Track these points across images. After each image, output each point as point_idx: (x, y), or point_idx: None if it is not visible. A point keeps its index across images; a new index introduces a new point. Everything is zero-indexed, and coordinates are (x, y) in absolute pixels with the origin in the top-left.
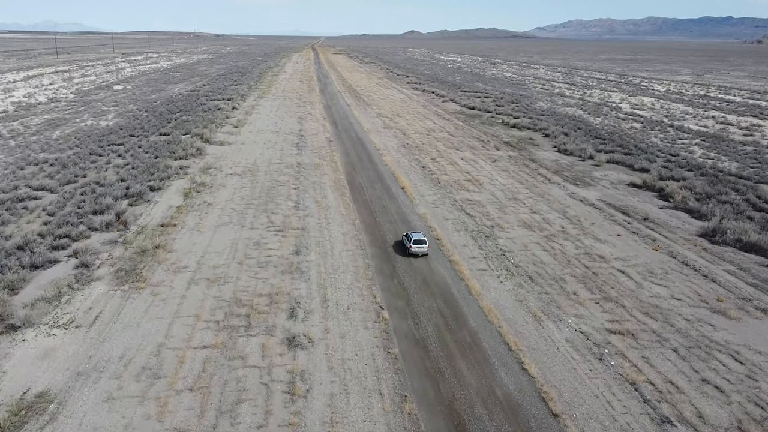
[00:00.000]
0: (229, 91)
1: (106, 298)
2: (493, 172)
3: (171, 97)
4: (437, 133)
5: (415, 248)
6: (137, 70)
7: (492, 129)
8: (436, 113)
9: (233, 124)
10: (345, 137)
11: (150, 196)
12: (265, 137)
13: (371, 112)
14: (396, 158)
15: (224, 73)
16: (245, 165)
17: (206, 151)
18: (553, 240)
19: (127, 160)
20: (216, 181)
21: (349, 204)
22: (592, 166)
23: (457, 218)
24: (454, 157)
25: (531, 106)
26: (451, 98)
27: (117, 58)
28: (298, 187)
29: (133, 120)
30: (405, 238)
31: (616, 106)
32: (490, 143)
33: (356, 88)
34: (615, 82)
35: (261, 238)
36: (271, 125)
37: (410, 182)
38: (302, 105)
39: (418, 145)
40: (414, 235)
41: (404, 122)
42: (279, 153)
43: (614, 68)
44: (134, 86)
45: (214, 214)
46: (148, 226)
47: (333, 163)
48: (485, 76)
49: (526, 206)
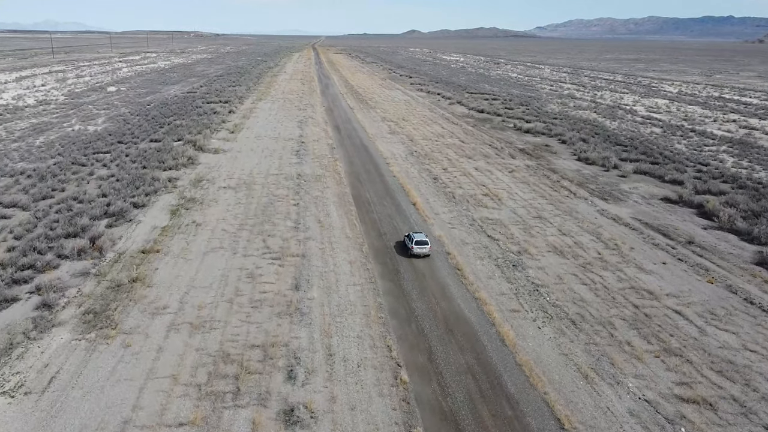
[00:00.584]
0: (226, 92)
1: (67, 351)
2: (511, 184)
3: (166, 100)
4: (446, 139)
5: (417, 249)
6: (134, 71)
7: (504, 134)
8: (444, 117)
9: (229, 129)
10: (348, 144)
11: (133, 214)
12: (262, 144)
13: (375, 115)
14: (405, 168)
15: (222, 74)
16: (240, 176)
17: (199, 161)
18: (590, 270)
19: (112, 171)
20: (207, 196)
21: (356, 224)
22: (618, 177)
23: (478, 242)
24: (468, 167)
25: (542, 108)
26: (458, 100)
27: (114, 57)
28: (298, 203)
29: (123, 125)
30: (406, 239)
31: (631, 108)
32: (505, 151)
33: (359, 90)
34: (624, 83)
35: (255, 267)
36: (270, 130)
37: (422, 197)
38: (303, 108)
39: (427, 153)
40: (416, 235)
41: (411, 127)
42: (278, 162)
43: (621, 68)
44: (129, 87)
45: (203, 236)
46: (127, 252)
47: (336, 174)
48: (490, 77)
49: (553, 226)
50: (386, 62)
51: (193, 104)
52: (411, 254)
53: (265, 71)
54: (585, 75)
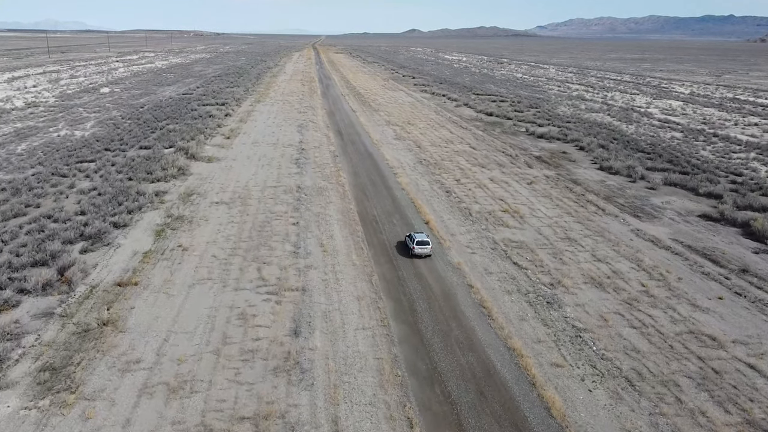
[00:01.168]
0: (223, 94)
1: (12, 426)
2: (532, 198)
3: (160, 102)
4: (456, 145)
5: (418, 249)
6: (130, 71)
7: (517, 140)
8: (451, 120)
9: (225, 134)
10: (352, 150)
11: (112, 236)
12: (260, 151)
13: (379, 119)
14: (414, 179)
15: (220, 74)
16: (235, 189)
17: (190, 170)
18: (637, 307)
19: (94, 183)
20: (197, 214)
21: (363, 248)
22: (647, 189)
23: (503, 271)
24: (482, 178)
25: (553, 111)
26: (465, 102)
27: (111, 57)
28: (298, 221)
29: (113, 129)
30: (408, 239)
31: (645, 111)
32: (520, 159)
33: (361, 91)
34: (633, 83)
35: (248, 305)
36: (268, 135)
37: (435, 214)
38: (303, 111)
39: (437, 162)
40: (417, 235)
41: (417, 131)
42: (276, 172)
43: (627, 68)
44: (123, 88)
45: (190, 264)
46: (101, 285)
47: (340, 186)
48: (495, 77)
49: (585, 250)
50: (388, 62)
51: (188, 107)
52: (412, 254)
53: (264, 71)
54: (591, 75)
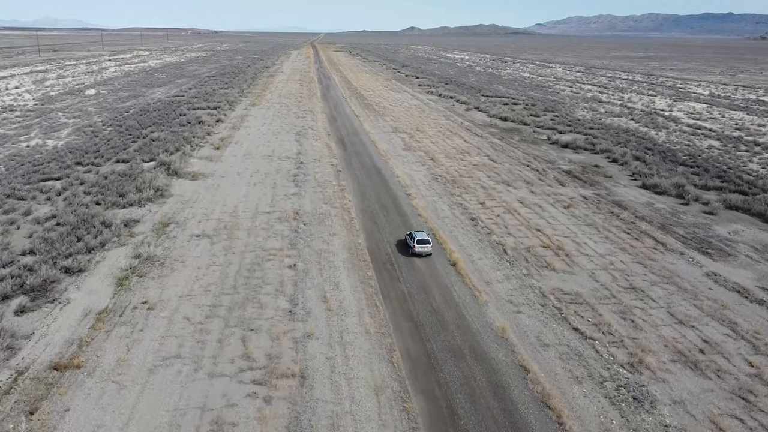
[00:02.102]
0: (216, 96)
1: None
2: (574, 228)
3: (147, 105)
4: (473, 156)
5: (418, 248)
6: (121, 70)
7: (540, 150)
8: (464, 126)
9: (214, 144)
10: (357, 164)
11: (62, 286)
12: (253, 165)
13: (385, 125)
14: (431, 202)
15: (215, 74)
16: (221, 217)
17: (171, 191)
18: (757, 407)
19: (55, 209)
20: (172, 252)
21: (378, 306)
22: (706, 215)
23: (563, 341)
24: (510, 200)
25: (571, 115)
26: (476, 105)
27: (104, 56)
28: (296, 263)
29: (90, 138)
30: (408, 238)
31: (670, 115)
32: (548, 174)
33: (363, 93)
34: (647, 83)
35: (226, 404)
36: (263, 145)
37: (462, 251)
38: (302, 115)
39: (454, 178)
40: (417, 234)
41: (428, 140)
42: (270, 193)
43: (635, 67)
44: (110, 90)
45: (155, 332)
46: (32, 368)
47: (345, 211)
48: (502, 77)
49: (659, 306)
50: (389, 61)
51: (176, 111)
52: (413, 253)
53: (261, 71)
54: (601, 74)
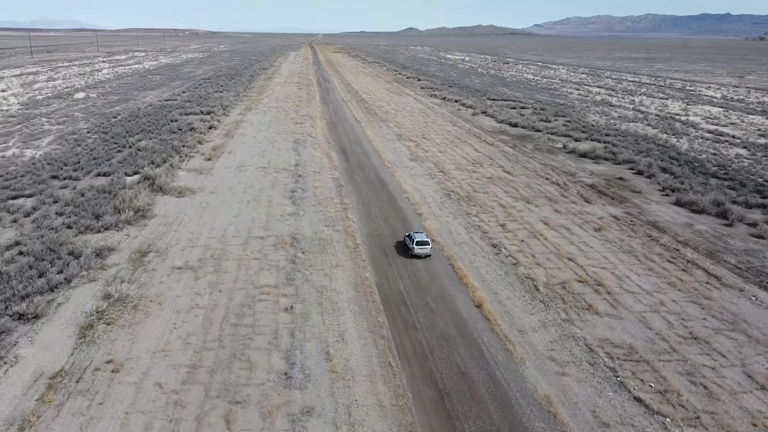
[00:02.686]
0: (211, 100)
1: None
2: (610, 256)
3: (137, 110)
4: (486, 168)
5: (418, 249)
6: (114, 72)
7: (557, 160)
8: (472, 133)
9: (206, 154)
10: (360, 177)
11: (12, 338)
12: (246, 178)
13: (388, 131)
14: (445, 223)
15: (211, 76)
16: (207, 243)
17: (154, 210)
18: None
19: (20, 233)
20: (148, 290)
21: (393, 366)
22: (755, 238)
23: (626, 419)
24: (533, 221)
25: (584, 120)
26: (483, 110)
27: (99, 57)
28: (293, 305)
29: (72, 148)
30: (407, 239)
31: (687, 120)
32: (571, 189)
33: (364, 96)
34: (655, 85)
35: None
36: (258, 155)
37: (487, 288)
38: (300, 121)
39: (468, 194)
40: (417, 235)
41: (435, 149)
42: (264, 212)
43: (640, 68)
44: (100, 93)
45: (116, 408)
46: None
47: (349, 236)
48: (506, 79)
49: (732, 363)
50: (389, 62)
51: (167, 117)
52: (412, 255)
53: (258, 73)
54: (606, 76)
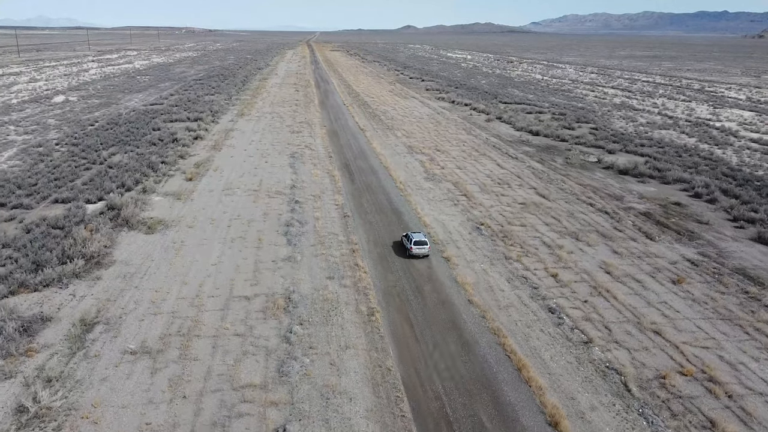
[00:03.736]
0: (200, 104)
1: None
2: (706, 326)
3: (118, 116)
4: (515, 189)
5: (416, 249)
6: (102, 73)
7: (594, 178)
8: (490, 143)
9: (188, 172)
10: (369, 204)
11: None
12: (233, 206)
13: (397, 142)
14: (480, 273)
15: (204, 77)
16: (175, 308)
17: (114, 254)
18: None
19: None
20: (83, 397)
21: None
22: None
23: None
24: (590, 267)
25: (610, 127)
26: (497, 115)
27: (89, 56)
28: (285, 425)
29: (34, 164)
30: (404, 239)
31: (723, 126)
32: (623, 219)
33: (366, 99)
34: (671, 86)
35: None
36: (248, 174)
37: (558, 390)
38: (297, 130)
39: (502, 227)
40: (414, 235)
41: (452, 164)
42: (252, 257)
43: (649, 67)
44: (82, 96)
45: None
46: None
47: (361, 294)
48: (513, 79)
49: None
50: (389, 61)
51: (149, 125)
52: (410, 255)
53: (253, 73)
54: (618, 76)
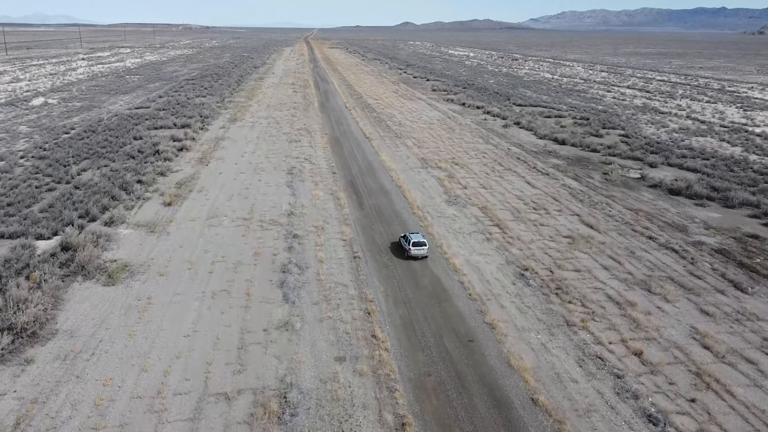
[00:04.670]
0: (189, 108)
1: None
2: None
3: (97, 122)
4: (555, 215)
5: (414, 251)
6: (89, 72)
7: (642, 199)
8: (512, 154)
9: (167, 193)
10: (384, 240)
11: None
12: (216, 244)
13: (408, 153)
14: (539, 351)
15: (196, 76)
16: (124, 418)
17: (56, 322)
18: None
19: None
20: None
21: None
22: None
23: None
24: (681, 339)
25: (640, 133)
26: (514, 120)
27: (79, 54)
28: None
29: None
30: (402, 240)
31: (765, 132)
32: (698, 260)
33: (370, 101)
34: (690, 86)
35: None
36: (238, 197)
37: None
38: (296, 138)
39: (551, 273)
40: (413, 236)
41: (475, 181)
42: (237, 323)
43: (659, 65)
44: (63, 99)
45: None
46: None
47: (383, 387)
48: (522, 78)
49: None
50: (390, 59)
51: (131, 132)
52: (408, 256)
53: (249, 72)
54: (630, 75)
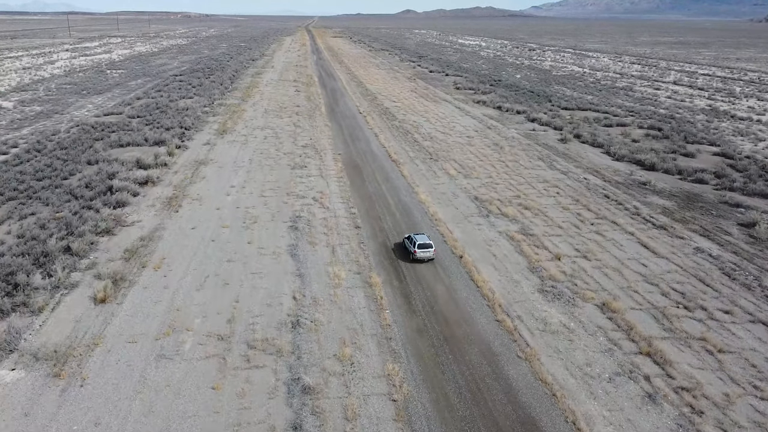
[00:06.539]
0: (170, 114)
1: None
2: None
3: (50, 136)
4: (726, 326)
5: (420, 253)
6: (68, 66)
7: None
8: (595, 189)
9: (102, 275)
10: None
11: None
12: (163, 410)
13: (454, 187)
14: None
15: (186, 70)
16: None
17: None
18: None
19: None
20: None
21: None
22: None
23: None
24: None
25: (739, 150)
26: (573, 132)
27: (65, 45)
28: None
29: None
30: (407, 241)
31: None
32: None
33: (387, 105)
34: (743, 81)
35: None
36: (214, 281)
37: None
38: (300, 163)
39: None
40: (418, 237)
41: (565, 244)
42: None
43: (691, 56)
44: (21, 101)
45: None
46: None
47: None
48: (551, 72)
49: None
50: (399, 49)
51: (86, 153)
52: (413, 259)
53: (245, 66)
54: (665, 67)
